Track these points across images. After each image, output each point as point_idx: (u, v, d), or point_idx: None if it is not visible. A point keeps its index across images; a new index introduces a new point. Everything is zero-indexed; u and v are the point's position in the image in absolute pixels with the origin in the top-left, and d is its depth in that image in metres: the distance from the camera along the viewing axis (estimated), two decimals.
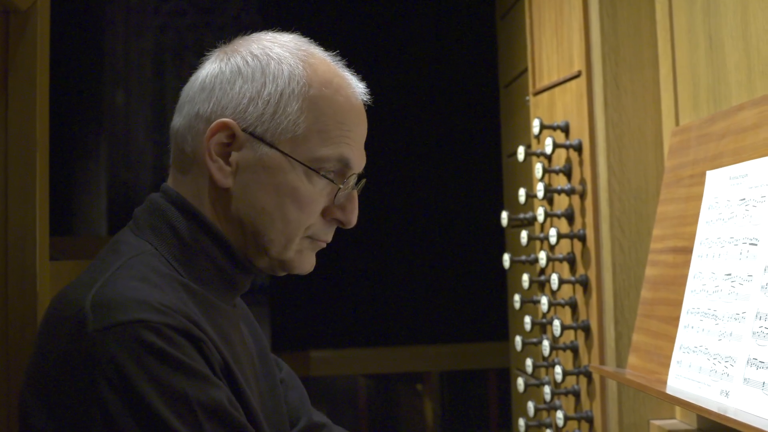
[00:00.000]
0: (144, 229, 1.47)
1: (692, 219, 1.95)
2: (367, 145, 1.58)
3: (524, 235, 2.55)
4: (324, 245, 1.53)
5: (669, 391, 1.82)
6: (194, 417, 1.26)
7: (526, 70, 2.80)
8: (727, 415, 1.51)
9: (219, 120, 1.46)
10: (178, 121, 1.52)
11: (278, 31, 1.55)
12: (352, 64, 1.57)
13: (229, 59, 1.49)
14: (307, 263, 1.52)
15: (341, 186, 1.48)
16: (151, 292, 1.33)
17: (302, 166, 1.45)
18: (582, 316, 2.37)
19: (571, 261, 2.41)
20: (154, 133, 4.65)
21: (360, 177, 1.54)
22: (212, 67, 1.50)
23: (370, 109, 1.58)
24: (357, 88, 1.54)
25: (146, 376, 1.26)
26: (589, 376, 2.33)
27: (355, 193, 1.53)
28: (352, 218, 1.51)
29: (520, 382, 2.62)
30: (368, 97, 1.57)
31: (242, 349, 1.50)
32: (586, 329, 2.33)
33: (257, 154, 1.46)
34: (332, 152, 1.46)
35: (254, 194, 1.46)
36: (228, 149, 1.47)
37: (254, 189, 1.45)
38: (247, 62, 1.47)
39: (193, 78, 1.53)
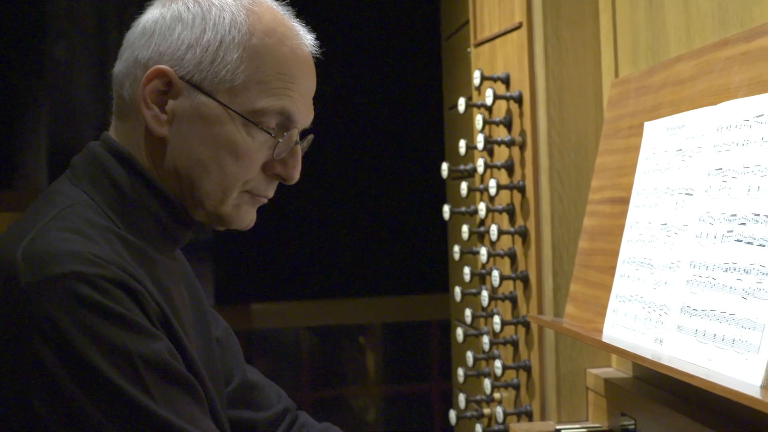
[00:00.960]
0: (81, 178, 1.43)
1: (630, 170, 1.96)
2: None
3: (464, 186, 2.55)
4: (265, 201, 1.50)
5: (605, 339, 1.84)
6: (135, 370, 1.24)
7: (467, 22, 2.78)
8: (661, 361, 1.53)
9: (155, 66, 1.42)
10: (118, 66, 1.47)
11: None
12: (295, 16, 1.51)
13: (171, 4, 1.45)
14: (245, 218, 1.48)
15: (280, 140, 1.44)
16: (85, 243, 1.29)
17: (241, 118, 1.41)
18: (521, 267, 2.38)
19: (511, 212, 2.42)
20: (96, 86, 4.56)
21: (307, 132, 1.50)
22: (154, 13, 1.46)
23: (318, 63, 1.52)
24: (305, 39, 1.49)
25: (83, 331, 1.23)
26: (527, 325, 2.35)
27: (299, 149, 1.48)
28: (294, 174, 1.47)
29: (460, 332, 2.63)
30: (318, 50, 1.51)
31: (181, 303, 1.47)
32: (525, 280, 2.35)
33: (194, 103, 1.41)
34: (272, 104, 1.42)
35: (190, 145, 1.42)
36: (165, 97, 1.42)
37: (190, 139, 1.42)
38: (188, 8, 1.43)
39: (135, 23, 1.48)
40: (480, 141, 2.46)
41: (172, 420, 1.25)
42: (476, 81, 2.49)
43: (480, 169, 2.49)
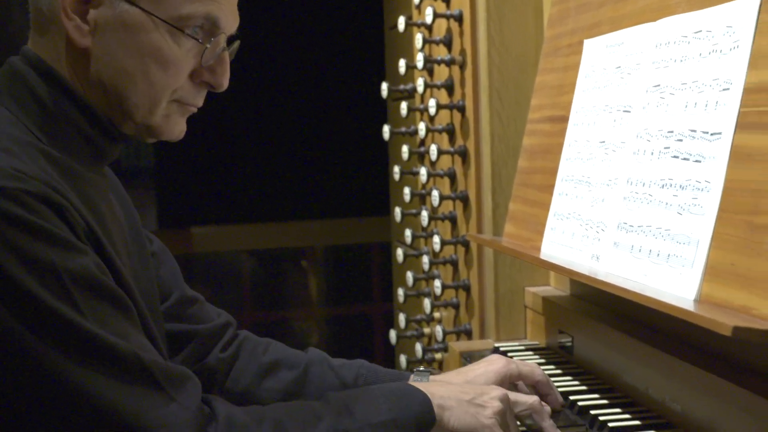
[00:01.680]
0: (2, 94, 1.37)
1: (569, 88, 1.95)
2: (248, 13, 1.47)
3: (404, 106, 2.51)
4: (194, 110, 1.45)
5: (542, 257, 1.84)
6: (62, 285, 1.20)
7: None
8: (597, 277, 1.54)
9: None
10: None
11: None
12: None
13: None
14: (175, 129, 1.44)
15: (207, 46, 1.39)
16: (7, 158, 1.24)
17: (165, 25, 1.36)
18: (460, 187, 2.37)
19: (451, 132, 2.39)
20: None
21: (233, 38, 1.46)
22: None
23: None
24: None
25: (6, 247, 1.18)
26: (466, 245, 2.34)
27: (227, 55, 1.44)
28: (223, 81, 1.43)
29: (400, 253, 2.63)
30: None
31: (111, 219, 1.42)
32: (465, 199, 2.34)
33: (116, 11, 1.35)
34: (198, 10, 1.37)
35: (115, 55, 1.36)
36: (86, 7, 1.36)
37: (115, 49, 1.36)
38: None
39: None
40: (420, 60, 2.42)
41: (101, 335, 1.22)
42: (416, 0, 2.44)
43: (420, 88, 2.46)
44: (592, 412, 1.66)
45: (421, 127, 2.47)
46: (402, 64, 2.48)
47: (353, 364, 1.75)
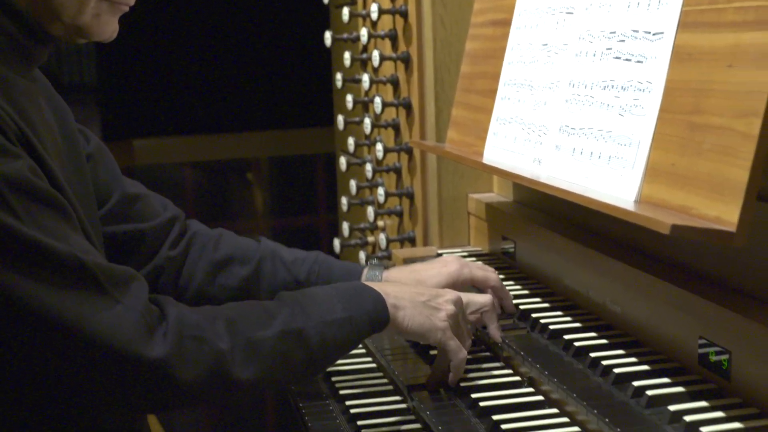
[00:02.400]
0: None
1: None
2: None
3: (346, 12, 2.45)
4: (126, 9, 1.39)
5: (485, 161, 1.83)
6: None
7: None
8: (539, 180, 1.53)
9: None
10: None
11: None
12: None
13: None
14: (107, 29, 1.37)
15: None
16: None
17: None
18: (403, 94, 2.33)
19: (393, 38, 2.34)
20: None
21: None
22: None
23: None
24: None
25: None
26: (409, 152, 2.32)
27: None
28: None
29: (343, 161, 2.60)
30: None
31: (42, 124, 1.37)
32: (408, 106, 2.30)
33: None
34: None
35: None
36: None
37: None
38: None
39: None
40: None
41: (40, 238, 1.18)
42: None
43: None
44: (534, 315, 1.68)
45: (363, 33, 2.42)
46: None
47: (306, 259, 1.73)
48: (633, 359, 1.43)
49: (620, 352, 1.46)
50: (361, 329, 1.40)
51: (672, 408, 1.24)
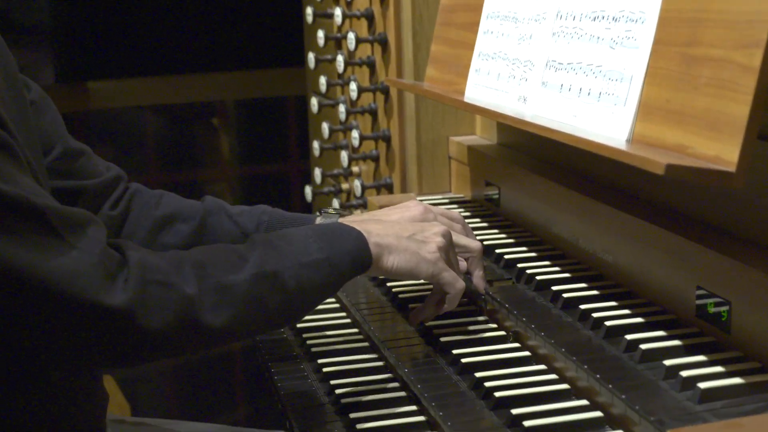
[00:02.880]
0: None
1: None
2: None
3: None
4: None
5: (466, 100, 1.81)
6: None
7: None
8: (525, 119, 1.51)
9: None
10: None
11: None
12: None
13: None
14: None
15: None
16: None
17: None
18: (379, 29, 2.30)
19: None
20: None
21: None
22: None
23: None
24: None
25: None
26: (386, 92, 2.30)
27: None
28: None
29: (314, 102, 2.57)
30: None
31: None
32: (383, 42, 2.27)
33: None
34: None
35: None
36: None
37: None
38: None
39: None
40: None
41: None
42: None
43: None
44: (520, 265, 1.67)
45: None
46: None
47: (254, 211, 1.72)
48: (626, 311, 1.43)
49: (612, 303, 1.46)
50: (341, 271, 1.39)
51: (667, 362, 1.24)
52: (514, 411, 1.26)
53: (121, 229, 1.67)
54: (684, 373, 1.20)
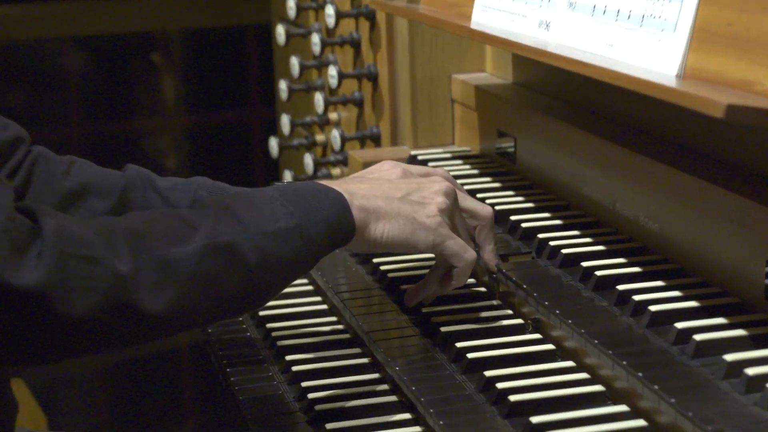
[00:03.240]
0: None
1: None
2: None
3: None
4: None
5: (474, 26, 1.81)
6: None
7: None
8: (548, 50, 1.51)
9: None
10: None
11: None
12: None
13: None
14: None
15: None
16: None
17: None
18: None
19: None
20: None
21: None
22: None
23: None
24: None
25: None
26: (371, 17, 2.30)
27: None
28: None
29: (281, 31, 2.57)
30: None
31: None
32: None
33: None
34: None
35: None
36: None
37: None
38: None
39: None
40: None
41: None
42: None
43: None
44: (541, 235, 1.68)
45: None
46: None
47: (189, 185, 1.72)
48: (675, 293, 1.43)
49: (658, 283, 1.47)
50: (316, 242, 1.39)
51: (729, 357, 1.24)
52: (534, 419, 1.26)
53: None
54: (750, 371, 1.20)
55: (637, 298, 1.42)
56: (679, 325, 1.33)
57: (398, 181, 1.53)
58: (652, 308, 1.38)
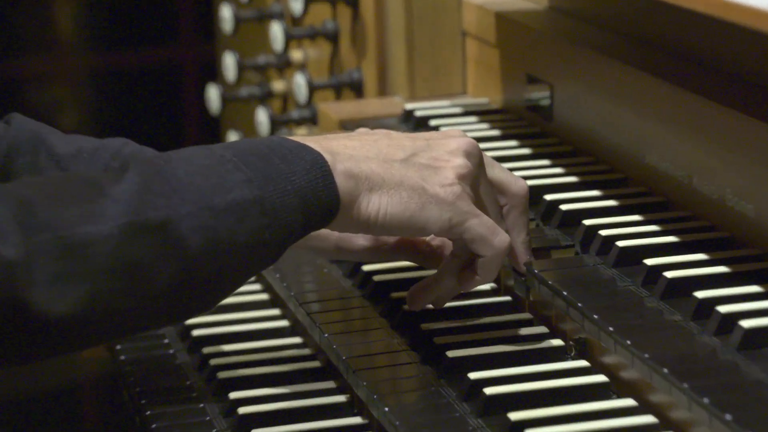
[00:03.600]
0: None
1: None
2: None
3: None
4: None
5: None
6: None
7: None
8: None
9: None
10: None
11: None
12: None
13: None
14: None
15: None
16: None
17: None
18: None
19: None
20: None
21: None
22: None
23: None
24: None
25: None
26: None
27: None
28: None
29: None
30: None
31: None
32: None
33: None
34: None
35: None
36: None
37: None
38: None
39: None
40: None
41: None
42: None
43: None
44: (588, 221, 1.68)
45: None
46: None
47: (101, 150, 1.70)
48: None
49: (753, 289, 1.46)
50: (285, 222, 1.39)
51: None
52: None
53: None
54: None
55: (723, 309, 1.41)
56: None
57: (400, 138, 1.53)
58: (745, 324, 1.37)
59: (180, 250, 1.33)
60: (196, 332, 1.76)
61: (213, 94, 2.65)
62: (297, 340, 1.76)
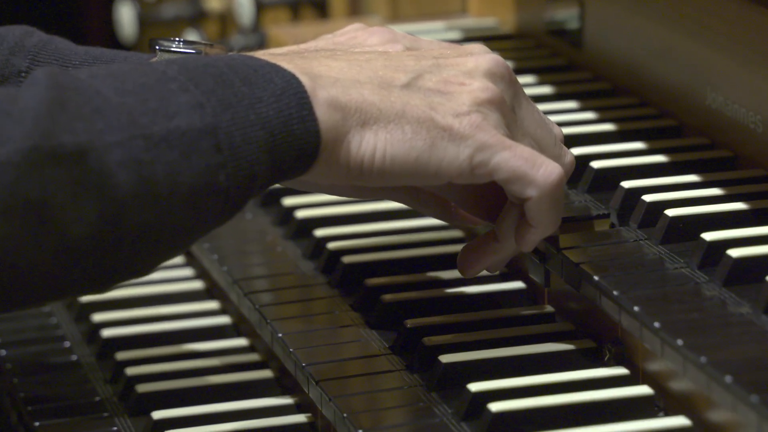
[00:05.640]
0: None
1: None
2: None
3: None
4: None
5: None
6: None
7: None
8: None
9: None
10: None
11: None
12: None
13: None
14: None
15: None
16: None
17: None
18: None
19: None
20: None
21: None
22: None
23: None
24: None
25: None
26: None
27: None
28: None
29: None
30: None
31: None
32: None
33: None
34: None
35: None
36: None
37: None
38: None
39: None
40: None
41: None
42: None
43: None
44: (628, 184, 1.68)
45: None
46: None
47: (23, 43, 1.71)
48: None
49: None
50: (247, 163, 1.38)
51: None
52: None
53: None
54: None
55: None
56: None
57: (401, 57, 1.52)
58: None
59: (103, 189, 1.31)
60: (106, 332, 1.77)
61: (126, 15, 2.65)
62: (242, 342, 1.77)
